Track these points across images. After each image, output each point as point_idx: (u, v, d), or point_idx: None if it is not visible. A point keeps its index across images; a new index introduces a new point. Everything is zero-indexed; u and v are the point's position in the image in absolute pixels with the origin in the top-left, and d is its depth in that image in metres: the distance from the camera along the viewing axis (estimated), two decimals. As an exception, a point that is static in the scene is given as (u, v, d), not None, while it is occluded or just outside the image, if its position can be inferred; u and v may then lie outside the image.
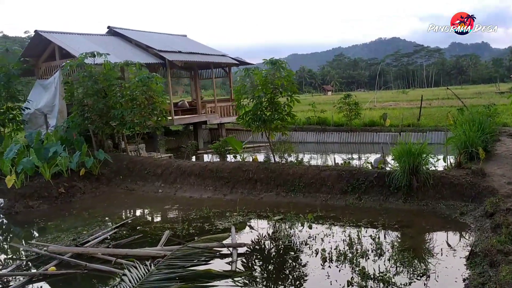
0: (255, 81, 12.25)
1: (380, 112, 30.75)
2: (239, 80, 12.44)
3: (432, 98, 46.64)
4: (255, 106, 12.13)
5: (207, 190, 12.11)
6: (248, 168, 11.88)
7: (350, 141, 21.81)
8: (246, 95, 12.40)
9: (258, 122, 12.08)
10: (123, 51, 18.59)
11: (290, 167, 11.53)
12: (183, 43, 22.47)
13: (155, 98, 14.10)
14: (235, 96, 12.59)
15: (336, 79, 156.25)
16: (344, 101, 21.83)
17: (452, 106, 29.30)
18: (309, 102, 27.79)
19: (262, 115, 12.07)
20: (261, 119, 12.00)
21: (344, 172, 10.69)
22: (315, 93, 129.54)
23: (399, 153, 9.91)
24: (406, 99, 51.46)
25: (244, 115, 12.38)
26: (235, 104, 24.58)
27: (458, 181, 9.51)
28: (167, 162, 13.38)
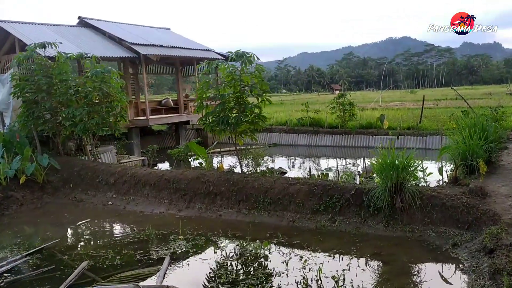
0: (221, 77, 10.54)
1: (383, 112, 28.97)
2: (201, 76, 10.69)
3: (440, 99, 44.66)
4: (219, 107, 10.38)
5: (161, 204, 10.40)
6: (208, 179, 10.14)
7: (344, 144, 19.99)
8: (209, 94, 10.68)
9: (222, 125, 10.32)
10: (92, 43, 16.95)
11: (255, 179, 9.76)
12: (164, 37, 20.77)
13: (113, 96, 12.40)
14: (198, 94, 10.83)
15: (345, 78, 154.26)
16: (338, 101, 19.99)
17: (459, 107, 27.38)
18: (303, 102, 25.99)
19: (227, 117, 10.31)
20: (225, 122, 10.24)
21: (317, 187, 8.91)
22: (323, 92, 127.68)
23: (380, 166, 8.12)
24: (414, 99, 49.29)
25: (206, 117, 10.63)
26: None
27: (452, 202, 7.68)
28: (121, 169, 11.67)
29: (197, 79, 21.71)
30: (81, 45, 16.27)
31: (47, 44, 12.62)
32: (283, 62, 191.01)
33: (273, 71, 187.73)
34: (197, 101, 10.73)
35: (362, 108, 35.65)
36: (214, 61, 10.72)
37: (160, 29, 22.64)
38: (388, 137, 18.98)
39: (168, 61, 21.37)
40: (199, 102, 10.68)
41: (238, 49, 10.67)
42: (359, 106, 37.99)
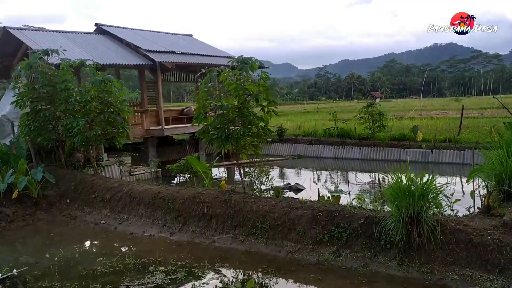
0: (225, 85, 9.52)
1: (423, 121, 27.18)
2: (202, 84, 9.69)
3: (486, 107, 42.07)
4: (218, 118, 9.34)
5: (154, 225, 9.45)
6: (204, 200, 9.10)
7: (373, 157, 18.52)
8: (209, 104, 9.66)
9: (221, 139, 9.27)
10: (106, 51, 16.36)
11: (255, 200, 8.64)
12: (184, 43, 20.03)
13: (114, 106, 11.62)
14: (199, 103, 9.80)
15: (387, 85, 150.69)
16: (366, 111, 18.56)
17: (506, 117, 25.33)
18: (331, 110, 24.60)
19: (228, 130, 9.25)
20: (224, 136, 9.18)
21: (321, 213, 7.69)
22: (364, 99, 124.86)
23: (393, 192, 6.82)
24: (457, 108, 46.66)
25: (205, 130, 9.60)
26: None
27: (480, 238, 6.30)
28: (118, 185, 10.81)
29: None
30: (95, 53, 15.72)
31: (50, 51, 12.04)
32: (323, 69, 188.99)
33: (313, 78, 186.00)
34: (196, 112, 9.72)
35: (400, 117, 33.88)
36: (215, 67, 9.68)
37: (181, 35, 21.94)
38: (421, 151, 17.42)
39: (189, 69, 20.59)
40: (199, 113, 9.66)
41: (240, 55, 9.64)
42: (398, 115, 36.26)
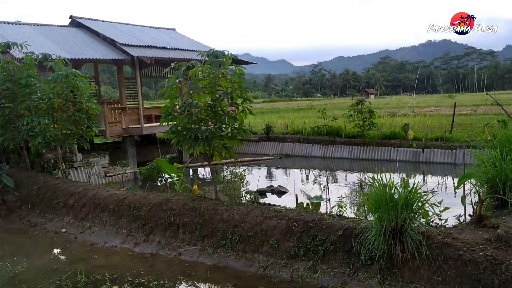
0: (194, 81, 8.72)
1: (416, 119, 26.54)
2: (169, 81, 8.87)
3: (480, 104, 41.51)
4: (186, 118, 8.53)
5: (118, 234, 8.64)
6: (171, 207, 8.30)
7: (363, 157, 17.79)
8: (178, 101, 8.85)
9: (190, 140, 8.46)
10: (80, 45, 15.50)
11: (226, 209, 7.85)
12: (165, 38, 19.17)
13: (81, 103, 10.79)
14: (168, 101, 8.97)
15: (381, 82, 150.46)
16: (356, 108, 17.81)
17: (499, 114, 24.76)
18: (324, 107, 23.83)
19: (197, 131, 8.46)
20: (195, 136, 8.38)
21: (297, 223, 6.92)
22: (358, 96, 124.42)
23: (374, 201, 6.06)
24: (451, 105, 46.14)
25: (173, 130, 8.79)
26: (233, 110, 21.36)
27: (471, 255, 5.54)
28: (83, 189, 9.99)
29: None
30: (68, 47, 14.87)
31: (12, 44, 11.19)
32: (318, 66, 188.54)
33: (308, 75, 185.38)
34: (163, 110, 8.90)
35: (393, 114, 33.22)
36: (185, 62, 8.86)
37: (163, 29, 21.07)
38: (412, 150, 16.71)
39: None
40: (166, 112, 8.84)
41: (212, 48, 8.85)
42: (391, 112, 35.61)
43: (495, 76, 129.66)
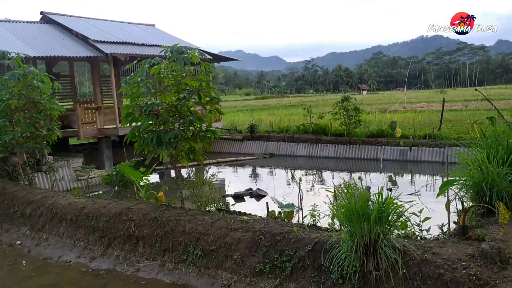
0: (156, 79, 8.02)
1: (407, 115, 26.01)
2: (129, 79, 8.15)
3: (471, 99, 41.12)
4: (149, 118, 7.83)
5: (75, 247, 7.95)
6: (131, 217, 7.62)
7: (349, 156, 17.17)
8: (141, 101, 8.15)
9: (152, 144, 7.77)
10: (50, 42, 14.75)
11: (190, 219, 7.17)
12: (142, 34, 18.41)
13: (42, 103, 10.05)
14: (130, 101, 8.26)
15: (374, 77, 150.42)
16: (341, 106, 17.17)
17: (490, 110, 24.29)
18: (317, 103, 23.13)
19: (161, 132, 7.76)
20: (157, 139, 7.69)
21: (263, 236, 6.26)
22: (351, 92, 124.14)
23: (345, 213, 5.40)
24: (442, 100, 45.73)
25: (135, 132, 8.08)
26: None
27: (453, 273, 4.90)
28: (42, 197, 9.26)
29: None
30: (36, 44, 14.12)
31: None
32: (311, 62, 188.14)
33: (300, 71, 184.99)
34: (125, 111, 8.20)
35: (383, 110, 32.69)
36: (148, 59, 8.15)
37: (142, 25, 20.28)
38: (399, 148, 16.11)
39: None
40: (127, 112, 8.14)
41: (176, 44, 8.14)
42: (381, 108, 35.06)
43: (487, 71, 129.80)
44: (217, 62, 21.18)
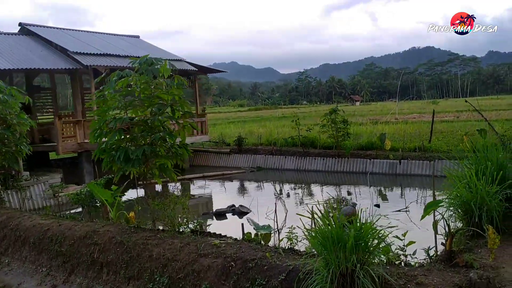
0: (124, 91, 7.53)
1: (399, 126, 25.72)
2: (97, 93, 7.67)
3: (463, 110, 40.94)
4: (116, 134, 7.33)
5: (36, 273, 7.39)
6: (96, 241, 7.08)
7: (337, 169, 16.71)
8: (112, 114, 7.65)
9: (119, 162, 7.25)
10: (27, 54, 14.29)
11: (158, 243, 6.64)
12: (125, 45, 17.97)
13: (9, 119, 9.53)
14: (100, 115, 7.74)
15: (367, 88, 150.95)
16: (329, 118, 16.75)
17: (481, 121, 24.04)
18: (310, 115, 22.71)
19: (129, 149, 7.26)
20: (124, 156, 7.18)
21: (235, 263, 5.74)
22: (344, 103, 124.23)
23: (319, 240, 4.91)
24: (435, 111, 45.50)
25: (103, 148, 7.56)
26: (203, 121, 20.16)
27: (439, 307, 4.42)
28: (6, 218, 8.70)
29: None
30: (10, 56, 13.62)
31: None
32: (304, 73, 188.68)
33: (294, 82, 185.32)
34: (91, 127, 7.69)
35: (375, 121, 32.40)
36: (117, 71, 7.67)
37: (125, 37, 19.85)
38: (388, 161, 15.67)
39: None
40: (94, 128, 7.63)
41: (146, 55, 7.68)
42: (373, 119, 34.76)
43: (478, 82, 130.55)
44: (203, 74, 20.78)
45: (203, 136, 19.87)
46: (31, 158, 17.08)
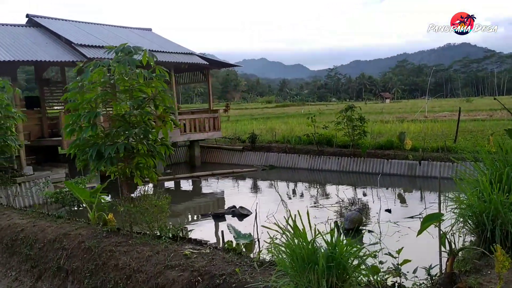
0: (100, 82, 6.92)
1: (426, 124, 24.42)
2: (71, 85, 7.07)
3: (497, 108, 39.02)
4: (89, 130, 6.71)
5: (6, 277, 6.87)
6: (64, 246, 6.50)
7: (353, 169, 15.78)
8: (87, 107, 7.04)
9: (91, 160, 6.65)
10: (31, 46, 13.91)
11: (127, 250, 5.99)
12: (135, 38, 17.47)
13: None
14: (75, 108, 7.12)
15: (398, 86, 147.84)
16: (345, 115, 15.81)
17: (515, 120, 22.62)
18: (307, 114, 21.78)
19: (101, 147, 6.64)
20: (97, 154, 6.57)
21: (201, 278, 5.02)
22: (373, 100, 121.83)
23: (287, 258, 4.14)
24: (468, 109, 43.79)
25: (76, 145, 6.98)
26: (215, 117, 19.55)
27: None
28: (-18, 217, 8.25)
29: (173, 87, 18.23)
30: (12, 48, 13.28)
31: None
32: (334, 70, 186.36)
33: (323, 79, 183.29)
34: (66, 122, 7.10)
35: (402, 119, 31.13)
36: (94, 61, 7.06)
37: (136, 30, 19.38)
38: (408, 162, 14.64)
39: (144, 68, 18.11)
40: (67, 123, 7.04)
41: (124, 43, 7.05)
42: (401, 117, 33.42)
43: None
44: (217, 68, 20.19)
45: (216, 133, 19.23)
46: (40, 152, 16.88)
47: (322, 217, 9.95)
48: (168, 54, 16.85)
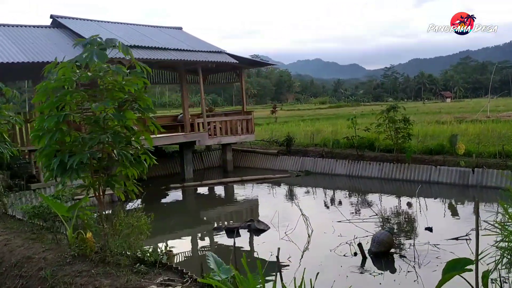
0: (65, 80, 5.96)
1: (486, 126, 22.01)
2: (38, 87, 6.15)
3: None
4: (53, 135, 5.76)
5: (-34, 305, 6.08)
6: (22, 274, 5.56)
7: (396, 176, 14.11)
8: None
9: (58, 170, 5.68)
10: (50, 47, 13.41)
11: (84, 283, 4.95)
12: (163, 37, 16.68)
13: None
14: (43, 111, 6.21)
15: (460, 84, 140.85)
16: (386, 116, 14.17)
17: None
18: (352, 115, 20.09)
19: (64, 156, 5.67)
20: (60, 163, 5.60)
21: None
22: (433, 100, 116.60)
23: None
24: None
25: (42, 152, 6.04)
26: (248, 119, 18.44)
27: None
28: (-34, 230, 7.55)
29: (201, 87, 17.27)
30: (30, 49, 12.85)
31: None
32: (391, 69, 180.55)
33: (379, 79, 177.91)
34: (36, 125, 6.20)
35: (461, 119, 28.66)
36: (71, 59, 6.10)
37: (166, 29, 18.59)
38: (459, 169, 12.81)
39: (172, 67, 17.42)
40: (36, 128, 6.13)
41: (96, 34, 6.05)
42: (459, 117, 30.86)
43: None
44: (249, 67, 19.15)
45: (248, 135, 18.10)
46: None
47: (350, 235, 8.56)
48: (196, 53, 15.92)
